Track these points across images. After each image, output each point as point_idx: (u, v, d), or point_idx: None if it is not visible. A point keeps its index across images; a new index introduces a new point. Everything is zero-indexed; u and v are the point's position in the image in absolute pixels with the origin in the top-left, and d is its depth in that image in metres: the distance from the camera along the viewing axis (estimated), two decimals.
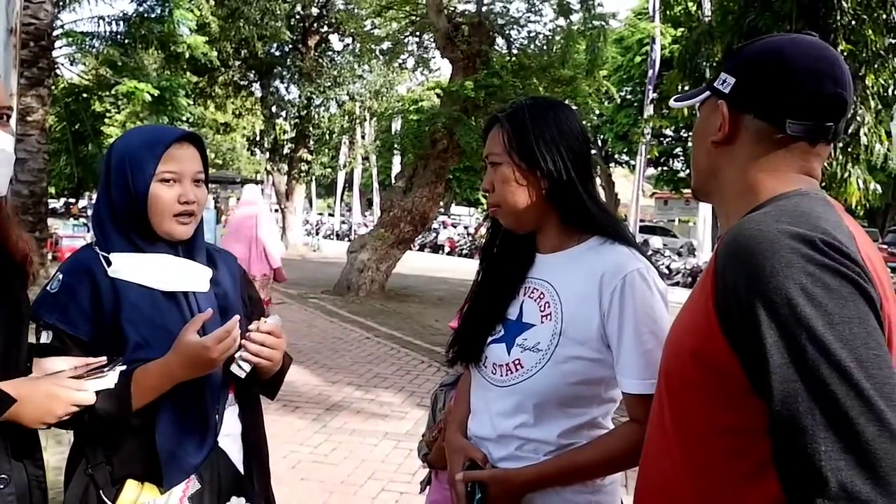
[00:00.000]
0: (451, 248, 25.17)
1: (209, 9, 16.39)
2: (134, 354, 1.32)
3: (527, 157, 1.31)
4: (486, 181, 1.38)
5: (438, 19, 11.44)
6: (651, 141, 15.34)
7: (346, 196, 34.94)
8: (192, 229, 1.43)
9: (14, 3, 3.87)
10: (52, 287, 1.36)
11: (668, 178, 24.58)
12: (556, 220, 1.35)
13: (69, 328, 1.31)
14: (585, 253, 1.33)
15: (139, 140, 1.42)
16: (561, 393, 1.28)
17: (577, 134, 1.35)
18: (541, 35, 12.56)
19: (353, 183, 30.55)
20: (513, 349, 1.33)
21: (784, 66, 0.92)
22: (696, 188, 1.08)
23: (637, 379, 1.24)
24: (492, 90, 10.64)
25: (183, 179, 1.39)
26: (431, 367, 6.56)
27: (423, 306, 11.00)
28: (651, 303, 1.25)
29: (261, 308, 1.65)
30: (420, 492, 1.87)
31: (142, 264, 1.37)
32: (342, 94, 20.59)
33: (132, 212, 1.37)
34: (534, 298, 1.35)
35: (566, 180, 1.30)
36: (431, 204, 11.78)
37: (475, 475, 1.31)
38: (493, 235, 1.47)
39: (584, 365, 1.27)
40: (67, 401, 1.13)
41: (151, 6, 14.30)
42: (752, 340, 0.78)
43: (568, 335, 1.28)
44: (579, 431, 1.30)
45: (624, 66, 22.26)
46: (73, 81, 16.68)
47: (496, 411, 1.34)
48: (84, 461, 1.35)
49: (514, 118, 1.34)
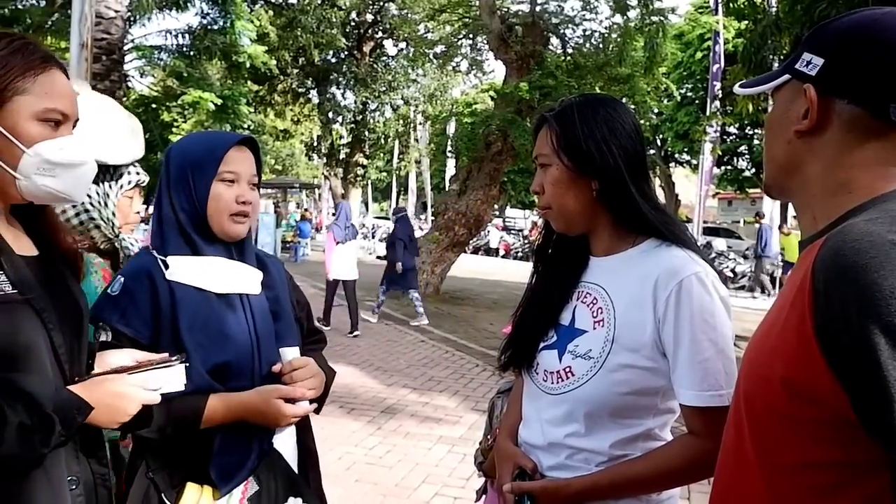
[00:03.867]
0: (506, 251, 25.03)
1: (268, 19, 16.90)
2: (193, 358, 1.33)
3: (576, 157, 1.25)
4: (535, 183, 1.33)
5: (491, 21, 11.41)
6: (714, 139, 14.82)
7: (401, 200, 35.28)
8: (246, 229, 1.46)
9: (86, 20, 4.04)
10: (112, 290, 1.40)
11: (732, 177, 23.80)
12: (608, 221, 1.29)
13: (129, 330, 1.35)
14: (639, 256, 1.26)
15: (200, 144, 1.48)
16: (613, 402, 1.22)
17: (630, 131, 1.28)
18: (596, 33, 12.37)
19: (408, 186, 30.83)
20: (564, 356, 1.28)
21: (886, 41, 0.80)
22: (770, 184, 0.96)
23: (694, 390, 1.16)
24: (546, 91, 10.53)
25: (241, 181, 1.43)
26: (486, 372, 6.52)
27: (478, 309, 10.96)
28: (710, 309, 1.17)
29: (308, 311, 1.67)
30: (476, 501, 1.83)
31: (197, 267, 1.41)
32: (397, 98, 20.84)
33: (192, 213, 1.42)
34: (586, 303, 1.30)
35: (618, 180, 1.24)
36: (486, 207, 11.76)
37: (524, 486, 1.27)
38: (547, 238, 1.42)
39: (637, 374, 1.21)
40: (138, 400, 1.14)
41: (214, 18, 14.84)
42: (867, 373, 0.67)
43: (620, 342, 1.22)
44: (633, 443, 1.24)
45: (684, 62, 21.67)
46: (142, 93, 17.43)
47: (547, 419, 1.29)
48: (144, 464, 1.38)
49: (562, 117, 1.29)
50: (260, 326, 1.43)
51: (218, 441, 1.35)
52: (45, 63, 1.10)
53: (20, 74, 1.07)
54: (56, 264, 1.20)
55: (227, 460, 1.35)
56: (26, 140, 1.07)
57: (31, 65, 1.08)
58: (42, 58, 1.11)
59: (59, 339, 1.11)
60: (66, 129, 1.13)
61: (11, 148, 1.07)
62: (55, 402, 1.02)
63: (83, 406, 1.06)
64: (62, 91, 1.12)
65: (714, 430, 1.14)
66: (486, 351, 7.43)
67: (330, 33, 17.69)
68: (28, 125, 1.07)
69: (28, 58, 1.09)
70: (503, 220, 32.13)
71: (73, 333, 1.16)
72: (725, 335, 1.18)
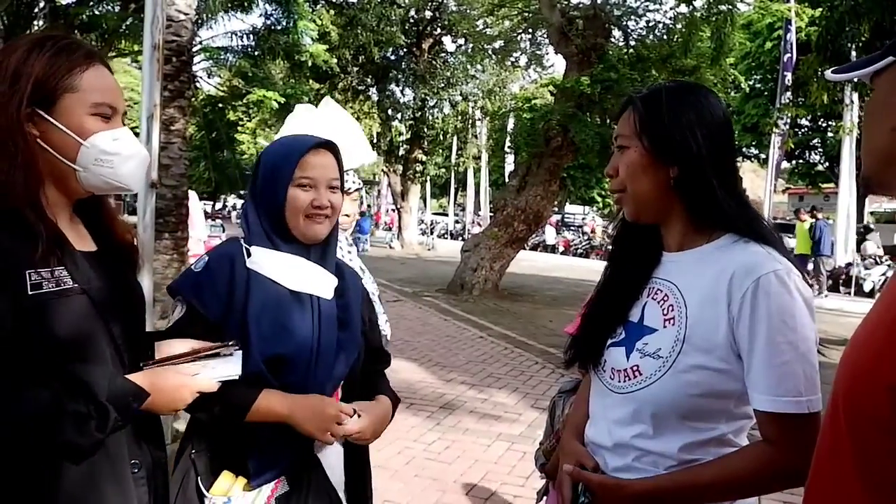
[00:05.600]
0: (566, 247, 24.72)
1: (329, 18, 17.17)
2: (253, 345, 1.37)
3: (656, 141, 1.20)
4: (611, 165, 1.28)
5: (551, 14, 11.24)
6: (785, 132, 14.20)
7: (459, 196, 35.32)
8: (326, 230, 1.48)
9: (158, 21, 4.20)
10: (196, 266, 1.48)
11: (803, 171, 22.76)
12: (682, 213, 1.23)
13: (201, 306, 1.40)
14: (715, 252, 1.20)
15: (281, 148, 1.52)
16: (682, 404, 1.17)
17: (720, 122, 1.22)
18: (661, 24, 11.99)
19: (467, 183, 30.82)
20: (632, 354, 1.23)
21: None
22: (869, 176, 0.90)
23: (769, 395, 1.09)
24: (608, 84, 10.29)
25: (318, 185, 1.46)
26: (545, 369, 6.45)
27: (537, 306, 10.86)
28: (791, 309, 1.10)
29: (377, 331, 1.72)
30: (537, 502, 1.80)
31: (277, 261, 1.45)
32: (455, 94, 20.84)
33: (273, 216, 1.46)
34: (657, 300, 1.25)
35: (698, 170, 1.18)
36: (545, 203, 11.62)
37: (584, 475, 1.24)
38: (623, 229, 1.37)
39: (709, 375, 1.15)
40: (193, 388, 1.19)
41: (278, 19, 15.20)
42: None
43: (692, 342, 1.16)
44: (705, 448, 1.18)
45: (753, 52, 20.82)
46: (209, 93, 18.05)
47: (613, 419, 1.25)
48: (190, 445, 1.44)
49: (649, 99, 1.24)
50: (324, 329, 1.45)
51: (260, 437, 1.37)
52: (89, 59, 1.15)
53: (67, 72, 1.12)
54: (114, 258, 1.25)
55: (263, 456, 1.38)
56: (82, 133, 1.12)
57: (76, 62, 1.13)
58: (86, 55, 1.16)
59: (118, 329, 1.16)
60: (116, 122, 1.17)
61: (69, 142, 1.12)
62: (111, 390, 1.06)
63: (139, 393, 1.11)
64: (109, 85, 1.17)
65: (790, 438, 1.09)
66: (545, 348, 7.35)
67: (389, 31, 17.85)
68: (82, 119, 1.13)
69: (72, 56, 1.14)
70: (562, 216, 31.76)
71: (131, 323, 1.22)
72: (807, 338, 1.11)
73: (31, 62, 1.11)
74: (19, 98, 1.09)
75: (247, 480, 1.37)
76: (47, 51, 1.13)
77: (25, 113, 1.09)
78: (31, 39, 1.16)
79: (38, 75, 1.11)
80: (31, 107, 1.10)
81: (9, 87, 1.10)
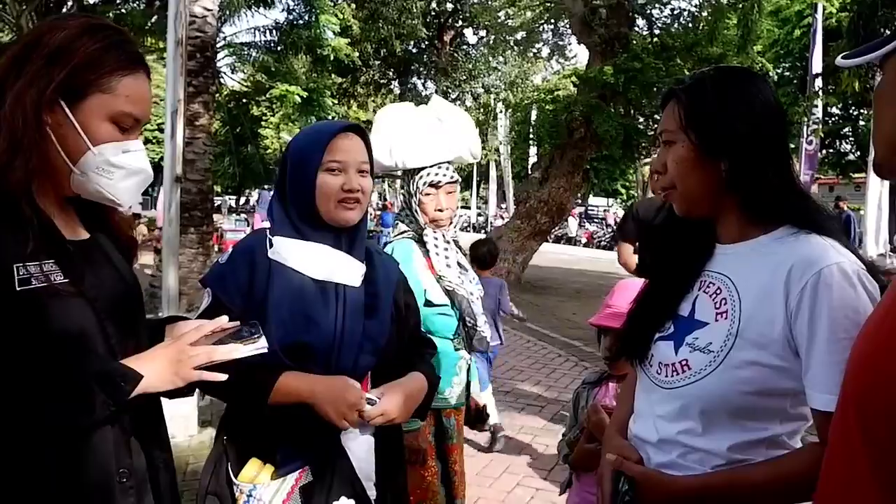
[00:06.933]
0: (588, 239, 24.53)
1: (351, 12, 17.20)
2: (273, 334, 1.36)
3: (705, 136, 1.15)
4: (657, 161, 1.24)
5: (574, 4, 11.13)
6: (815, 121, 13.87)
7: (482, 189, 35.24)
8: (358, 215, 1.48)
9: (181, 17, 4.24)
10: (222, 259, 1.54)
11: (833, 161, 22.26)
12: (736, 206, 1.18)
13: (224, 297, 1.43)
14: (773, 244, 1.15)
15: (307, 135, 1.53)
16: (732, 402, 1.12)
17: (771, 110, 1.16)
18: (685, 12, 11.85)
19: (489, 175, 30.72)
20: (681, 348, 1.19)
21: None
22: (881, 164, 0.87)
23: (828, 394, 1.02)
24: (632, 74, 10.15)
25: (348, 169, 1.46)
26: (568, 362, 6.41)
27: (560, 299, 10.81)
28: (854, 304, 1.03)
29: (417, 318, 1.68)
30: (560, 493, 1.79)
31: (300, 250, 1.46)
32: (477, 86, 20.78)
33: (303, 202, 1.46)
34: (709, 294, 1.20)
35: (751, 163, 1.13)
36: (568, 194, 11.55)
37: (627, 465, 1.19)
38: (669, 221, 1.31)
39: (763, 372, 1.09)
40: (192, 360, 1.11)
41: (300, 14, 15.26)
42: None
43: (745, 337, 1.11)
44: (756, 448, 1.13)
45: (781, 40, 20.36)
46: (233, 88, 18.21)
47: (659, 414, 1.21)
48: (224, 432, 1.47)
49: (693, 91, 1.18)
50: (349, 318, 1.45)
51: (287, 424, 1.38)
52: (134, 65, 1.10)
53: (108, 73, 1.06)
54: (107, 247, 1.20)
55: (289, 445, 1.39)
56: (94, 138, 1.06)
57: (121, 64, 1.08)
58: (132, 59, 1.10)
59: (110, 322, 1.10)
60: (133, 133, 1.12)
61: (78, 142, 1.06)
62: (97, 373, 1.02)
63: (130, 374, 1.04)
64: (142, 96, 1.11)
65: None
66: (568, 341, 7.31)
67: (411, 24, 17.84)
68: (100, 124, 1.07)
69: (120, 56, 1.08)
70: (586, 208, 31.50)
71: (125, 315, 1.15)
72: None
73: (77, 46, 1.04)
74: (49, 80, 1.02)
75: (274, 468, 1.37)
76: (99, 41, 1.06)
77: (49, 97, 1.03)
78: (86, 22, 1.08)
79: (80, 63, 1.04)
80: (57, 93, 1.03)
81: (45, 64, 1.03)
